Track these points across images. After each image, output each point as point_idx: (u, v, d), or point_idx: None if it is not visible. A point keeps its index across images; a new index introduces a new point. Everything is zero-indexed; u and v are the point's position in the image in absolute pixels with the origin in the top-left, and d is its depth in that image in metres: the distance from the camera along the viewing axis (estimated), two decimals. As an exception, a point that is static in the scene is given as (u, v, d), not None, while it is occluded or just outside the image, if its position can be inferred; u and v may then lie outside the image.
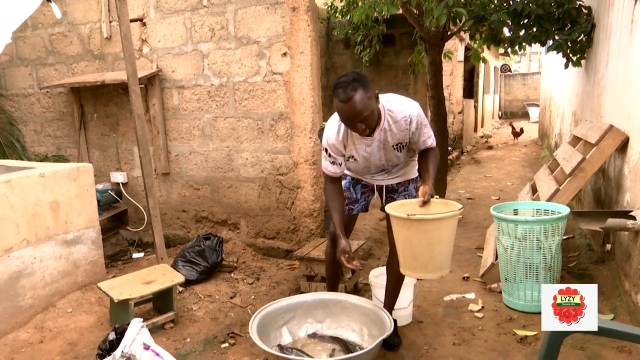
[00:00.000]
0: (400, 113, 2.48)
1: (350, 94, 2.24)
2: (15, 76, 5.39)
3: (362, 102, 2.25)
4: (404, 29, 7.54)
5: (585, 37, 5.07)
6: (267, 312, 2.86)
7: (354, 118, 2.30)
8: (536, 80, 21.73)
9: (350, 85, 2.25)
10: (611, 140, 3.51)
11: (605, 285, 3.51)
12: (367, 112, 2.29)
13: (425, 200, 2.44)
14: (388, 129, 2.50)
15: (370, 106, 2.30)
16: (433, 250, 2.37)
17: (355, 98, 2.24)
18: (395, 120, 2.48)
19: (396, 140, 2.54)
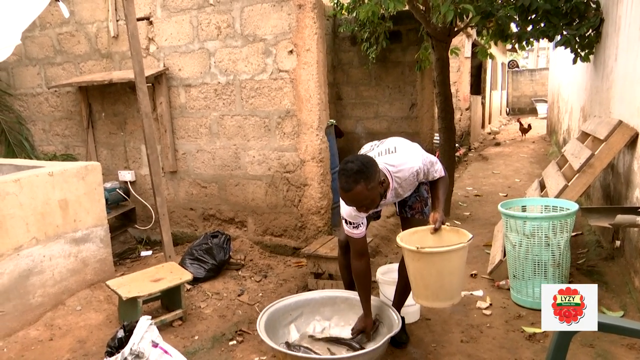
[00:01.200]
0: (406, 172, 2.53)
1: (352, 185, 2.28)
2: (23, 76, 5.43)
3: (362, 193, 2.30)
4: (411, 25, 7.49)
5: (593, 32, 5.03)
6: (274, 310, 2.87)
7: (355, 204, 2.39)
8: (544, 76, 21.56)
9: (353, 177, 2.28)
10: (620, 135, 3.48)
11: (615, 282, 3.48)
12: (366, 201, 2.34)
13: (436, 228, 2.51)
14: (398, 187, 2.57)
15: (371, 196, 2.34)
16: (443, 280, 2.41)
17: (356, 190, 2.29)
18: (403, 179, 2.54)
19: (407, 190, 2.66)
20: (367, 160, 2.38)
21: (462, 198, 6.53)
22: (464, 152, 10.24)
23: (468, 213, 5.76)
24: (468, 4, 4.32)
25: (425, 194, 2.83)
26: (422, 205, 2.82)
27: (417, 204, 2.82)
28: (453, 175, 5.76)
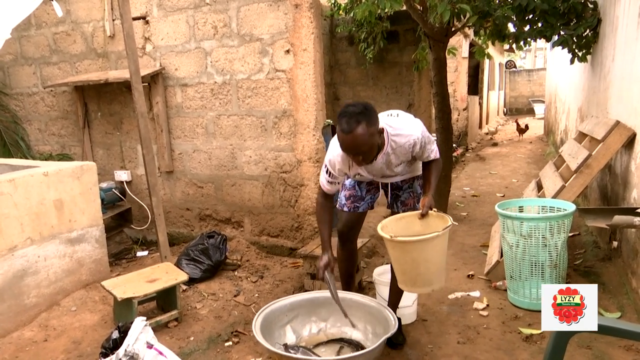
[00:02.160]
0: (403, 138, 2.48)
1: (353, 126, 2.22)
2: (19, 75, 5.40)
3: (362, 137, 2.24)
4: (408, 26, 7.49)
5: (591, 32, 5.03)
6: (270, 311, 2.85)
7: (352, 150, 2.31)
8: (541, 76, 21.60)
9: (355, 118, 2.23)
10: (618, 136, 3.48)
11: (612, 282, 3.48)
12: (365, 147, 2.28)
13: (423, 213, 2.47)
14: (391, 152, 2.51)
15: (370, 142, 2.29)
16: (419, 267, 2.40)
17: (357, 131, 2.23)
18: (399, 145, 2.49)
19: (399, 161, 2.59)
20: (369, 106, 2.33)
21: (460, 198, 6.53)
22: (462, 152, 10.25)
23: (465, 213, 5.75)
24: (465, 4, 4.31)
25: (419, 190, 2.80)
26: (415, 202, 2.79)
27: (410, 200, 2.80)
28: (450, 176, 5.75)
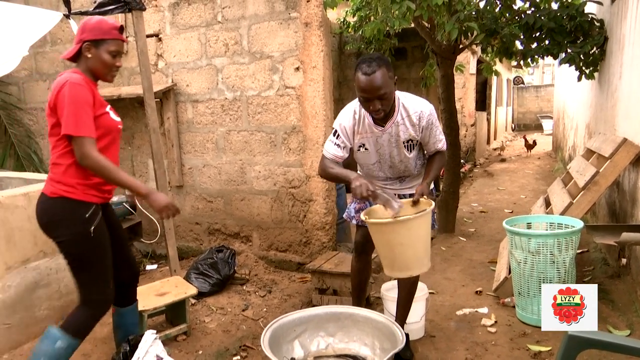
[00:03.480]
0: (412, 108, 2.54)
1: (374, 68, 2.32)
2: (34, 90, 5.51)
3: (383, 78, 2.32)
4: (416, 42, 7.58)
5: (597, 50, 5.07)
6: (279, 325, 2.86)
7: (374, 92, 2.34)
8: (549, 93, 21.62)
9: (375, 62, 2.34)
10: (625, 153, 3.49)
11: (622, 300, 3.47)
12: (386, 89, 2.35)
13: (414, 200, 2.53)
14: (401, 122, 2.54)
15: (390, 86, 2.37)
16: (394, 251, 2.45)
17: (378, 73, 2.32)
18: (407, 114, 2.54)
19: (407, 135, 2.58)
20: (385, 56, 2.46)
21: (467, 214, 6.53)
22: (469, 168, 10.25)
23: (473, 229, 5.75)
24: (472, 22, 4.37)
25: None
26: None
27: None
28: (458, 191, 5.76)
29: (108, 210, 2.54)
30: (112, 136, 2.38)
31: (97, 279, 2.39)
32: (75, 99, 2.16)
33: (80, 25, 2.36)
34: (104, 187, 2.37)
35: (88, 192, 2.30)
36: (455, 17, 4.46)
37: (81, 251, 2.32)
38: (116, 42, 2.33)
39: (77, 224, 2.27)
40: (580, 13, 4.79)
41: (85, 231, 2.27)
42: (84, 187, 2.29)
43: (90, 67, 2.33)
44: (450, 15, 4.66)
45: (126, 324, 2.74)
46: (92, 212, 2.30)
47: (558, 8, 4.97)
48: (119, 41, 2.35)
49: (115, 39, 2.33)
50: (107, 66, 2.33)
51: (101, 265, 2.38)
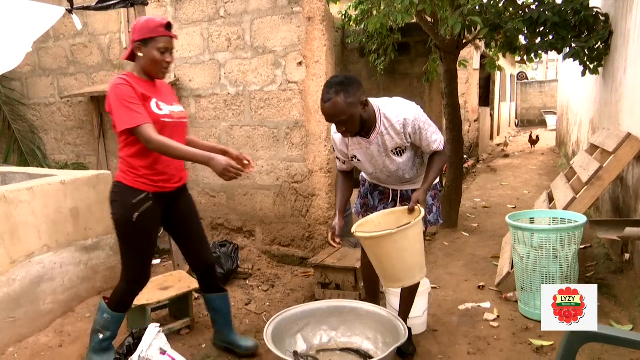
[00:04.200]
0: (394, 117, 2.49)
1: (330, 96, 2.33)
2: (37, 86, 5.52)
3: (338, 105, 2.32)
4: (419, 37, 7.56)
5: (602, 45, 5.04)
6: (281, 319, 2.87)
7: (331, 118, 2.38)
8: (553, 88, 21.54)
9: (334, 88, 2.33)
10: (629, 148, 3.48)
11: (624, 295, 3.46)
12: (343, 116, 2.35)
13: (409, 208, 2.48)
14: (385, 132, 2.52)
15: (349, 111, 2.35)
16: (383, 263, 2.46)
17: (333, 101, 2.32)
18: (390, 124, 2.50)
19: (394, 144, 2.55)
20: (351, 77, 2.43)
21: (470, 209, 6.52)
22: (473, 163, 10.23)
23: (476, 225, 5.75)
24: (476, 17, 4.35)
25: (430, 201, 2.78)
26: (425, 213, 2.74)
27: None
28: (461, 187, 5.76)
29: (182, 199, 2.70)
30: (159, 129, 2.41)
31: (133, 260, 2.60)
32: (119, 97, 2.33)
33: (132, 26, 2.46)
34: (154, 177, 2.49)
35: (138, 180, 2.46)
36: (458, 11, 4.44)
37: (123, 231, 2.54)
38: (164, 39, 2.40)
39: (124, 207, 2.48)
40: (584, 7, 4.76)
41: (129, 215, 2.46)
42: (134, 175, 2.47)
43: (142, 66, 2.45)
44: (454, 9, 4.65)
45: (217, 309, 2.91)
46: (141, 199, 2.46)
47: (562, 2, 4.94)
48: (166, 38, 2.41)
49: (163, 36, 2.40)
50: (157, 63, 2.42)
51: (138, 248, 2.57)
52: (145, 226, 2.52)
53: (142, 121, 2.32)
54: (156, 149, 2.35)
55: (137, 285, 2.66)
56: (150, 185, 2.49)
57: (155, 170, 2.49)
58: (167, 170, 2.54)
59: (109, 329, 2.68)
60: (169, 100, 2.57)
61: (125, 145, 2.47)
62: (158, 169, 2.49)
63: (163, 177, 2.52)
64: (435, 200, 2.84)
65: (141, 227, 2.50)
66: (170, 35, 2.44)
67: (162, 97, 2.52)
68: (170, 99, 2.60)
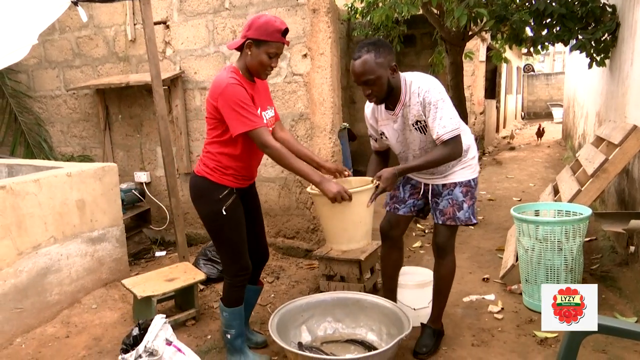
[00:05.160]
0: (416, 85, 2.46)
1: (361, 53, 2.36)
2: (43, 78, 5.54)
3: (367, 63, 2.34)
4: (425, 30, 7.52)
5: (609, 36, 5.00)
6: (286, 310, 2.90)
7: (358, 77, 2.39)
8: (560, 80, 21.40)
9: (365, 47, 2.37)
10: (635, 140, 3.46)
11: (629, 287, 3.46)
12: (371, 75, 2.36)
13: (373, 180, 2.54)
14: (408, 103, 2.48)
15: (377, 71, 2.36)
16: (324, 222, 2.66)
17: (363, 58, 2.35)
18: (412, 92, 2.47)
19: (414, 116, 2.48)
20: (383, 41, 2.46)
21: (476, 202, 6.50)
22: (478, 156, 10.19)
23: (481, 217, 5.74)
24: (482, 9, 4.33)
25: (461, 197, 2.67)
26: (455, 210, 2.67)
27: (449, 209, 2.68)
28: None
29: (251, 193, 2.81)
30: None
31: (230, 252, 2.65)
32: (236, 100, 2.32)
33: (249, 20, 2.42)
34: (239, 175, 2.58)
35: (224, 178, 2.53)
36: (464, 3, 4.41)
37: (215, 226, 2.60)
38: (277, 44, 2.38)
39: (212, 203, 2.53)
40: (592, -1, 4.73)
41: (218, 209, 2.52)
42: (221, 173, 2.53)
43: (247, 64, 2.44)
44: (460, 1, 4.62)
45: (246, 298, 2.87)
46: (226, 194, 2.53)
47: (569, -7, 4.91)
48: (280, 44, 2.40)
49: (277, 42, 2.38)
50: (263, 66, 2.41)
51: (233, 240, 2.62)
52: (235, 217, 2.58)
53: (259, 124, 2.37)
54: (271, 155, 2.42)
55: (240, 277, 2.68)
56: (234, 182, 2.58)
57: (241, 172, 2.58)
58: (250, 173, 2.67)
59: (232, 327, 2.71)
60: (264, 104, 2.59)
61: (219, 142, 2.50)
62: (244, 172, 2.59)
63: (246, 177, 2.63)
64: (467, 197, 2.69)
65: (231, 218, 2.56)
66: (284, 42, 2.43)
67: (259, 101, 2.52)
68: (265, 102, 2.61)
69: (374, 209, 2.63)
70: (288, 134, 2.84)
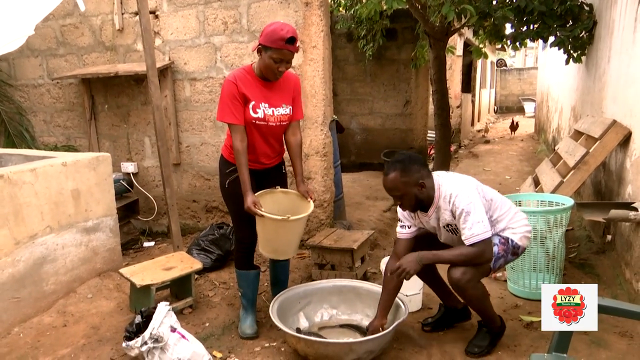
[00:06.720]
0: (448, 192, 2.56)
1: (387, 171, 2.55)
2: (25, 67, 5.44)
3: (393, 182, 2.52)
4: (407, 24, 7.62)
5: (586, 34, 5.20)
6: (285, 298, 2.98)
7: (388, 191, 2.60)
8: (532, 75, 21.89)
9: (393, 165, 2.55)
10: (614, 134, 3.64)
11: (606, 274, 3.65)
12: (397, 192, 2.54)
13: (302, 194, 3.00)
14: (440, 207, 2.60)
15: (402, 189, 2.52)
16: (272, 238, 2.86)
17: (391, 176, 2.53)
18: (444, 199, 2.57)
19: (444, 220, 2.61)
20: (413, 157, 2.59)
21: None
22: (455, 149, 10.42)
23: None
24: (468, 5, 4.45)
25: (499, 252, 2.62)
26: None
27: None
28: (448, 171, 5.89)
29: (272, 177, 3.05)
30: (251, 127, 2.80)
31: (233, 221, 3.10)
32: (222, 92, 2.77)
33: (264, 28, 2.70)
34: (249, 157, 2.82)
35: (232, 155, 2.85)
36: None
37: (223, 196, 3.05)
38: (280, 51, 2.61)
39: (222, 176, 3.00)
40: (570, -3, 4.90)
41: (223, 182, 2.97)
42: (229, 151, 2.90)
43: (259, 65, 2.76)
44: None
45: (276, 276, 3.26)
46: (231, 170, 2.89)
47: (549, -8, 5.07)
48: (284, 51, 2.62)
49: (281, 49, 2.60)
50: (269, 69, 2.69)
51: (234, 211, 2.98)
52: (235, 192, 2.83)
53: (230, 120, 2.74)
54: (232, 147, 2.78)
55: (242, 243, 3.03)
56: None
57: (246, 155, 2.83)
58: (256, 157, 2.90)
59: (241, 286, 3.09)
60: (274, 102, 2.82)
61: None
62: (249, 155, 2.82)
63: (251, 158, 2.85)
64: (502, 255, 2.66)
65: (232, 192, 2.89)
66: (289, 49, 2.62)
67: (267, 98, 2.80)
68: (277, 100, 2.84)
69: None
70: (294, 140, 3.02)
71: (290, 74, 2.95)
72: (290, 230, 2.84)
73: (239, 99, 2.73)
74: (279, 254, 2.99)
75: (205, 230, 4.09)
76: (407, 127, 8.31)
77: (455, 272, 2.55)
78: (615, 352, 2.70)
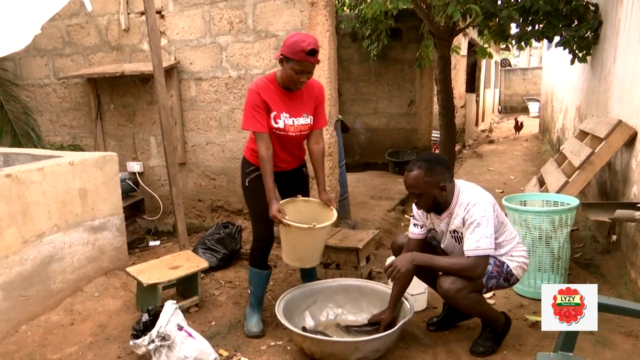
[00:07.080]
0: (463, 196, 2.58)
1: (411, 167, 2.56)
2: (31, 66, 5.47)
3: (415, 179, 2.53)
4: (411, 24, 7.63)
5: (592, 34, 5.19)
6: (291, 297, 3.00)
7: (407, 187, 2.63)
8: (536, 75, 21.83)
9: (418, 162, 2.55)
10: (620, 134, 3.64)
11: (612, 274, 3.65)
12: (416, 190, 2.55)
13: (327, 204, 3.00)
14: (454, 213, 2.61)
15: (422, 188, 2.53)
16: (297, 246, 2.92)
17: (414, 173, 2.54)
18: (460, 206, 2.58)
19: (454, 225, 2.63)
20: (440, 159, 2.61)
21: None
22: (459, 149, 10.42)
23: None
24: (474, 5, 4.45)
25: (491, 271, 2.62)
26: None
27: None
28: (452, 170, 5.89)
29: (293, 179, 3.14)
30: (271, 135, 2.85)
31: (252, 219, 3.13)
32: (246, 101, 2.84)
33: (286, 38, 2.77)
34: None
35: (253, 156, 2.97)
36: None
37: (244, 194, 3.13)
38: (301, 63, 2.67)
39: (243, 175, 3.07)
40: (576, -3, 4.90)
41: (244, 181, 3.05)
42: (252, 153, 2.97)
43: (281, 74, 2.82)
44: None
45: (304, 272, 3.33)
46: (251, 170, 2.99)
47: (554, -9, 5.07)
48: (305, 62, 2.67)
49: (302, 61, 2.65)
50: (290, 79, 2.76)
51: (253, 209, 3.07)
52: (255, 190, 2.94)
53: (255, 129, 2.80)
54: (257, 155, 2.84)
55: (260, 242, 3.06)
56: None
57: None
58: (277, 161, 2.93)
59: (252, 284, 3.11)
60: (295, 112, 2.88)
61: None
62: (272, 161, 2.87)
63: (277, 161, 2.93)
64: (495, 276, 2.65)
65: (252, 190, 3.00)
66: (309, 60, 2.67)
67: (288, 108, 2.86)
68: (299, 110, 2.89)
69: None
70: (317, 148, 3.05)
71: (314, 81, 2.97)
72: (315, 238, 2.86)
73: (262, 107, 2.79)
74: (305, 262, 3.02)
75: (210, 230, 4.11)
76: (412, 127, 8.32)
77: (445, 282, 2.55)
78: (621, 352, 2.70)
